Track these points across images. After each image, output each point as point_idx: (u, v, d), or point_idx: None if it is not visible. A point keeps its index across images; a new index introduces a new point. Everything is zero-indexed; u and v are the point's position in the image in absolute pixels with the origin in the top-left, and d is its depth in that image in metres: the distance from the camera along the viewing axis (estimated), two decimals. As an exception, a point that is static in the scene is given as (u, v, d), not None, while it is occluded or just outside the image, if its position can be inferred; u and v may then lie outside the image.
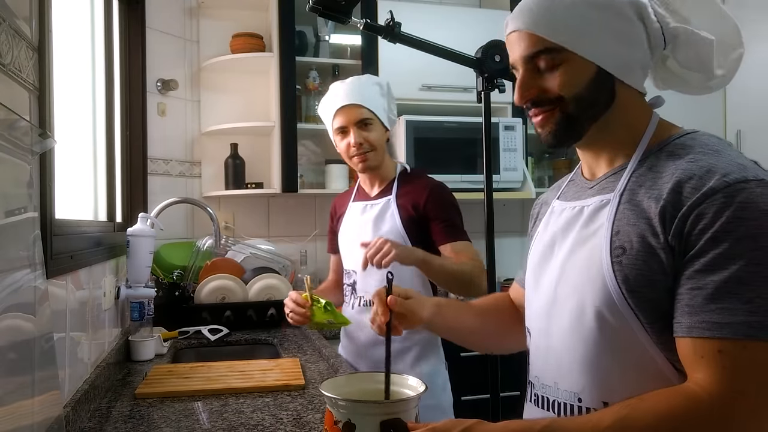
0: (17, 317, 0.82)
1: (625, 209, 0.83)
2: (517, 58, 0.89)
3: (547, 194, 1.10)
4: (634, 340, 0.80)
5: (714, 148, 0.81)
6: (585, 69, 0.85)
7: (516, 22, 0.88)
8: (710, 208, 0.74)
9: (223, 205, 2.96)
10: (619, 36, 0.85)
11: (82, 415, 1.29)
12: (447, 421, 0.81)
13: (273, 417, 1.32)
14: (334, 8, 1.42)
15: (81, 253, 1.39)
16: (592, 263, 0.84)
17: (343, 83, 1.83)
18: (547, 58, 0.86)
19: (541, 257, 0.97)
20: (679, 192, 0.77)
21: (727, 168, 0.76)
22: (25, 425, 0.81)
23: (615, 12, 0.85)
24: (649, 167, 0.84)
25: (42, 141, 1.01)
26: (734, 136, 2.95)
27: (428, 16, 2.82)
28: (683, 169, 0.79)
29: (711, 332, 0.72)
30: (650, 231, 0.78)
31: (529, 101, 0.89)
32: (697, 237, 0.74)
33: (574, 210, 0.92)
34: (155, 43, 2.72)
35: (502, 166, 2.82)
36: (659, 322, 0.78)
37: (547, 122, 0.89)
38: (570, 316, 0.86)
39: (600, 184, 0.91)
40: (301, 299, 1.62)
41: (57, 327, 1.16)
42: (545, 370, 0.92)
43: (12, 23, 0.94)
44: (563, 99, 0.86)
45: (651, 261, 0.78)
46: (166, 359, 1.92)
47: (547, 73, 0.87)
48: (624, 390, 0.80)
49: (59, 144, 1.23)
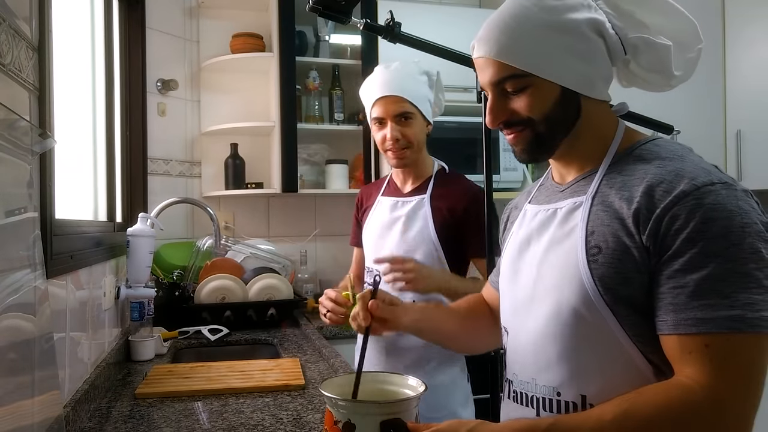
0: (17, 317, 0.82)
1: (598, 210, 0.87)
2: (486, 83, 0.94)
3: (517, 199, 1.15)
4: (610, 335, 0.84)
5: (679, 153, 0.87)
6: (550, 90, 0.89)
7: (482, 49, 0.92)
8: (682, 210, 0.78)
9: (223, 205, 2.96)
10: (580, 55, 0.89)
11: (82, 415, 1.29)
12: (450, 422, 0.82)
13: (273, 417, 1.32)
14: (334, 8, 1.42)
15: (81, 253, 1.39)
16: (568, 262, 0.88)
17: (387, 69, 1.70)
18: (513, 83, 0.90)
19: (516, 258, 1.00)
20: (651, 195, 0.81)
21: (693, 172, 0.81)
22: (25, 425, 0.81)
23: (575, 34, 0.89)
24: (619, 171, 0.89)
25: (42, 141, 1.01)
26: (734, 136, 2.95)
27: (428, 16, 2.81)
28: (653, 174, 0.83)
29: (697, 328, 0.76)
30: (624, 231, 0.83)
31: (501, 124, 0.94)
32: (672, 238, 0.79)
33: (547, 212, 0.96)
34: (155, 43, 2.72)
35: (502, 166, 2.82)
36: (633, 317, 0.83)
37: (519, 141, 0.94)
38: (547, 314, 0.90)
39: (571, 187, 0.95)
40: (342, 298, 1.50)
41: (57, 327, 1.16)
42: (523, 367, 0.95)
43: (12, 23, 0.94)
44: (532, 120, 0.91)
45: (626, 259, 0.82)
46: (166, 359, 1.92)
47: (514, 96, 0.91)
48: (601, 382, 0.85)
49: (59, 144, 1.23)
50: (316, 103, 2.90)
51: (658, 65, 0.92)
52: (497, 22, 0.91)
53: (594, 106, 0.93)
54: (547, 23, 0.88)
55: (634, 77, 0.96)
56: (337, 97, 2.89)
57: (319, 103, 2.91)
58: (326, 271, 3.05)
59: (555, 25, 0.88)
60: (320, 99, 2.92)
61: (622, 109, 0.98)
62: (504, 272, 1.04)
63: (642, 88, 0.98)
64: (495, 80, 0.91)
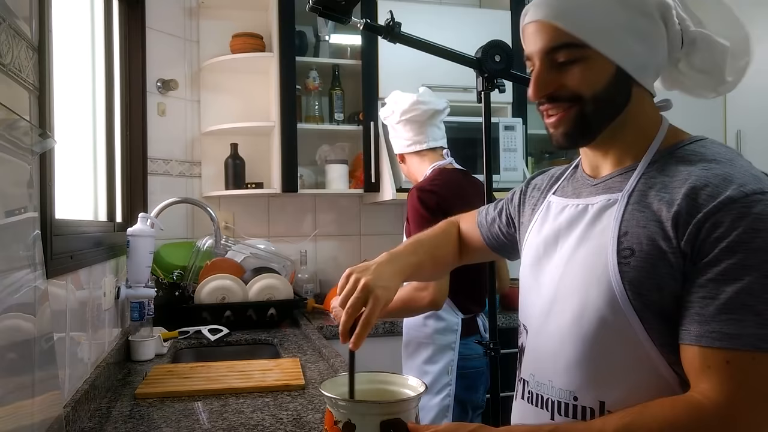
0: (17, 317, 0.82)
1: (634, 210, 0.81)
2: (535, 50, 0.86)
3: (541, 179, 1.07)
4: (635, 342, 0.79)
5: (727, 157, 0.81)
6: (605, 68, 0.83)
7: (538, 12, 0.85)
8: (727, 217, 0.73)
9: (223, 205, 2.95)
10: (642, 36, 0.83)
11: (82, 415, 1.29)
12: (449, 425, 0.81)
13: (273, 417, 1.32)
14: (334, 8, 1.42)
15: (81, 253, 1.39)
16: (597, 263, 0.82)
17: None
18: (567, 53, 0.83)
19: (541, 255, 0.95)
20: (694, 198, 0.76)
21: (743, 178, 0.75)
22: (25, 425, 0.81)
23: (641, 11, 0.83)
24: (659, 170, 0.83)
25: (42, 141, 1.01)
26: (734, 136, 2.95)
27: (428, 16, 2.81)
28: (698, 176, 0.78)
29: (721, 342, 0.72)
30: (661, 234, 0.78)
31: (544, 97, 0.87)
32: (711, 245, 0.74)
33: (578, 208, 0.90)
34: (155, 43, 2.72)
35: (502, 166, 2.82)
36: (661, 326, 0.78)
37: (562, 123, 0.86)
38: (571, 315, 0.85)
39: (606, 182, 0.89)
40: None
41: (57, 327, 1.16)
42: (540, 368, 0.91)
43: (12, 23, 0.94)
44: (581, 98, 0.84)
45: (660, 265, 0.77)
46: (166, 359, 1.92)
47: (565, 69, 0.84)
48: (621, 390, 0.80)
49: (59, 144, 1.23)
50: (316, 103, 2.90)
51: (711, 66, 0.87)
52: None
53: (642, 96, 0.87)
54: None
55: (681, 77, 0.91)
56: (337, 97, 2.89)
57: (319, 103, 2.91)
58: (326, 271, 3.05)
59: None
60: (320, 99, 2.91)
61: (666, 106, 0.92)
62: (526, 269, 0.99)
63: (686, 92, 0.93)
64: (548, 47, 0.84)
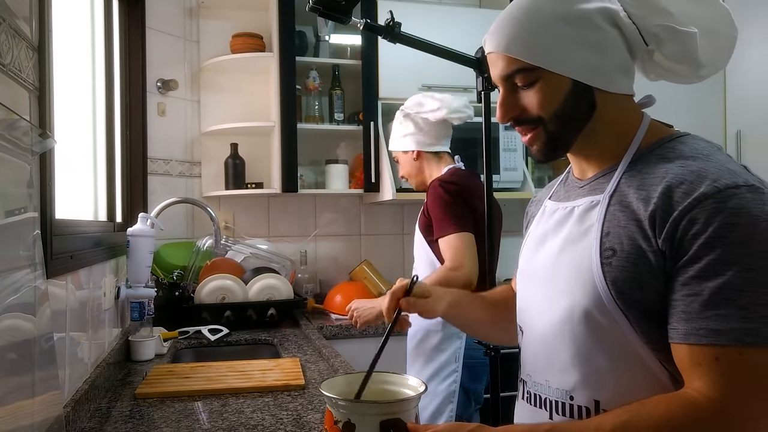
0: (17, 317, 0.82)
1: (615, 210, 0.83)
2: (496, 77, 0.91)
3: (542, 193, 1.11)
4: (624, 340, 0.80)
5: (704, 152, 0.82)
6: (561, 84, 0.86)
7: (491, 44, 0.90)
8: (702, 213, 0.74)
9: (223, 205, 2.95)
10: (592, 47, 0.85)
11: (82, 415, 1.29)
12: (448, 425, 0.81)
13: (273, 417, 1.32)
14: (334, 8, 1.42)
15: (81, 253, 1.39)
16: (581, 264, 0.84)
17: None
18: (523, 78, 0.87)
19: (531, 257, 0.98)
20: (670, 196, 0.77)
21: (717, 173, 0.76)
22: (25, 425, 0.81)
23: (586, 24, 0.85)
24: (640, 169, 0.84)
25: (42, 141, 1.01)
26: (734, 136, 2.95)
27: (428, 16, 2.81)
28: (674, 174, 0.79)
29: (708, 339, 0.72)
30: (641, 234, 0.79)
31: (510, 121, 0.91)
32: (689, 242, 0.74)
33: (565, 210, 0.93)
34: (155, 43, 2.72)
35: (502, 166, 2.82)
36: (648, 324, 0.79)
37: (534, 141, 0.90)
38: (561, 316, 0.87)
39: (590, 184, 0.91)
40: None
41: (57, 327, 1.16)
42: (537, 368, 0.93)
43: (12, 23, 0.94)
44: (542, 119, 0.88)
45: (640, 263, 0.78)
46: (166, 359, 1.92)
47: (525, 91, 0.88)
48: (615, 388, 0.81)
49: (59, 144, 1.23)
50: (316, 103, 2.90)
51: (682, 55, 0.88)
52: (507, 15, 0.88)
53: (612, 100, 0.88)
54: (557, 14, 0.85)
55: (660, 69, 0.92)
56: (337, 97, 2.89)
57: (319, 103, 2.91)
58: (326, 271, 3.05)
59: (565, 16, 0.85)
60: (320, 99, 2.91)
61: (647, 103, 0.93)
62: (520, 269, 1.02)
63: (670, 81, 0.94)
64: (504, 74, 0.89)
